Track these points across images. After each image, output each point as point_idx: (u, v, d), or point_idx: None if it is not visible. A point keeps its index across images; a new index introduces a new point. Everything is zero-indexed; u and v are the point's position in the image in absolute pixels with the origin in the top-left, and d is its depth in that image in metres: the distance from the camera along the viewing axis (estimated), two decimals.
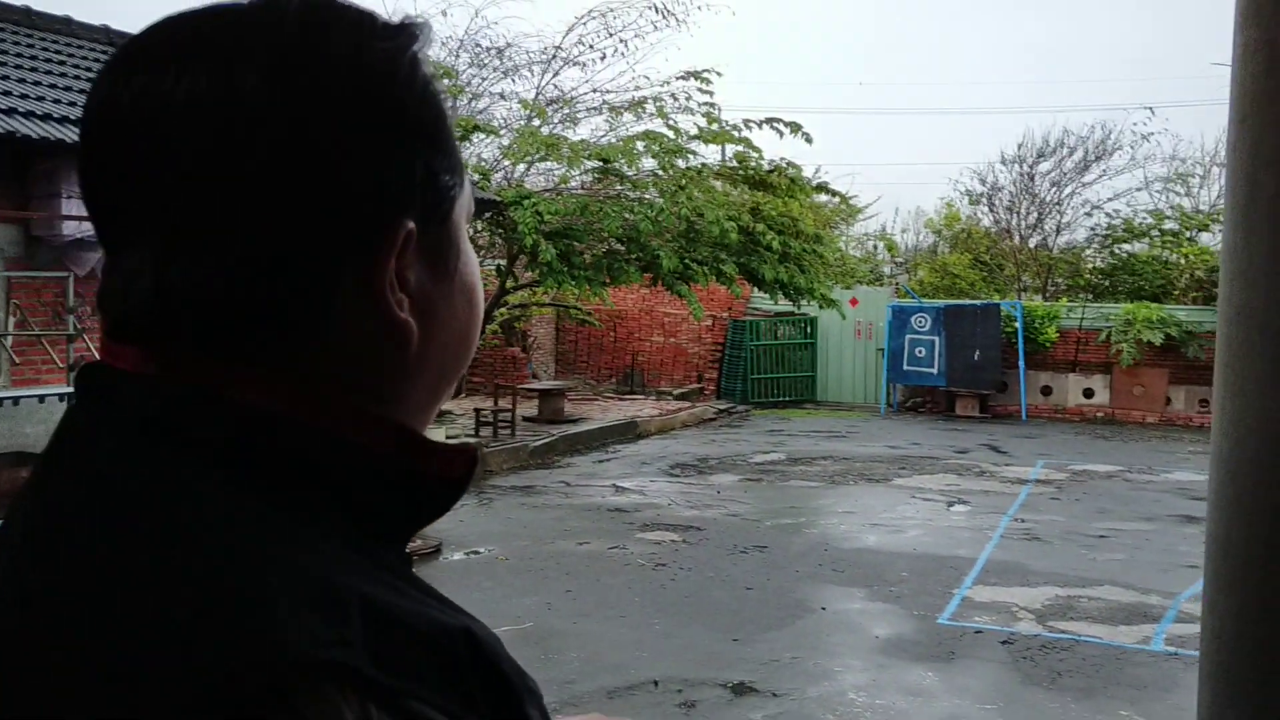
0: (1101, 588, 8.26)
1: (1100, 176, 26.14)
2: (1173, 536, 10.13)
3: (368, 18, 0.68)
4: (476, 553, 9.15)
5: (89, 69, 10.85)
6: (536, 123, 15.05)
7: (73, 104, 9.60)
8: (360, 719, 0.54)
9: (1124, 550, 9.52)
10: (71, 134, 8.83)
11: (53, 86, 10.00)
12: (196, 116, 0.61)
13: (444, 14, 18.03)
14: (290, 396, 0.63)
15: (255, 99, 0.61)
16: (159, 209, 0.62)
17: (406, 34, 0.69)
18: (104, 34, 12.21)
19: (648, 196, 14.28)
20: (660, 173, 14.46)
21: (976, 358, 19.97)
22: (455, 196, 0.71)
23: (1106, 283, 22.29)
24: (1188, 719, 5.80)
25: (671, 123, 14.65)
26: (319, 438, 0.63)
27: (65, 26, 11.88)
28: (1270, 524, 0.90)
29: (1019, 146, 28.63)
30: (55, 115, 9.10)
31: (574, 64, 16.09)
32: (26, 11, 11.60)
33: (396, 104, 0.66)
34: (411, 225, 0.66)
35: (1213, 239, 22.97)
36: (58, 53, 11.06)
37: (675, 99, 14.84)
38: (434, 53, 0.73)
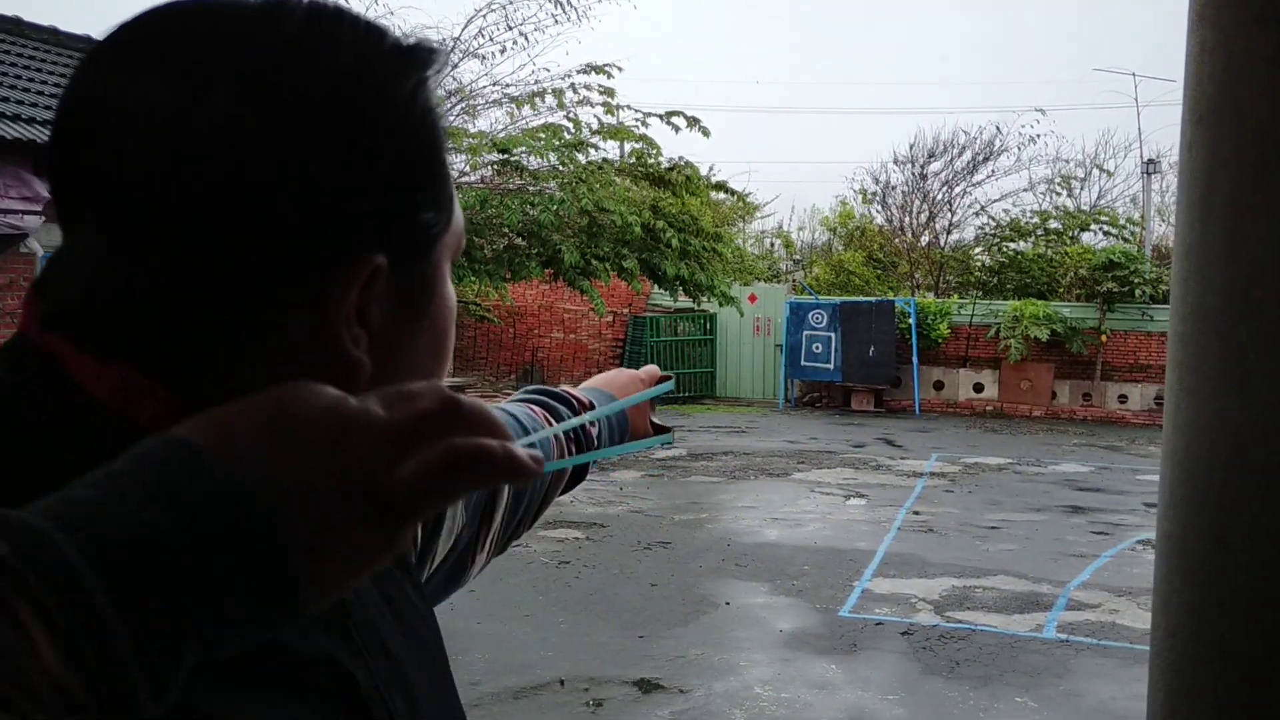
0: (995, 577, 8.48)
1: (989, 177, 26.94)
2: (1061, 527, 10.46)
3: (376, 36, 0.63)
4: None
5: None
6: None
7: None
8: None
9: (1015, 541, 9.79)
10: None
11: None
12: (157, 124, 0.57)
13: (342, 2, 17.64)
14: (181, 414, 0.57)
15: (222, 113, 0.56)
16: (106, 209, 0.58)
17: (414, 58, 0.64)
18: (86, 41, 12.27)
19: (549, 190, 14.20)
20: (561, 167, 14.39)
21: (872, 353, 20.37)
22: (437, 235, 0.67)
23: (995, 280, 22.95)
24: (1080, 704, 5.99)
25: (572, 115, 14.59)
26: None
27: (52, 36, 12.07)
28: (1225, 523, 0.90)
29: (911, 147, 29.32)
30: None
31: (473, 56, 15.89)
32: (17, 21, 11.70)
33: (385, 132, 0.61)
34: (381, 261, 0.61)
35: (1093, 238, 23.83)
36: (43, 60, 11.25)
37: (576, 92, 14.78)
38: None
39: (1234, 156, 0.89)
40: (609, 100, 14.95)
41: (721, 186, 17.55)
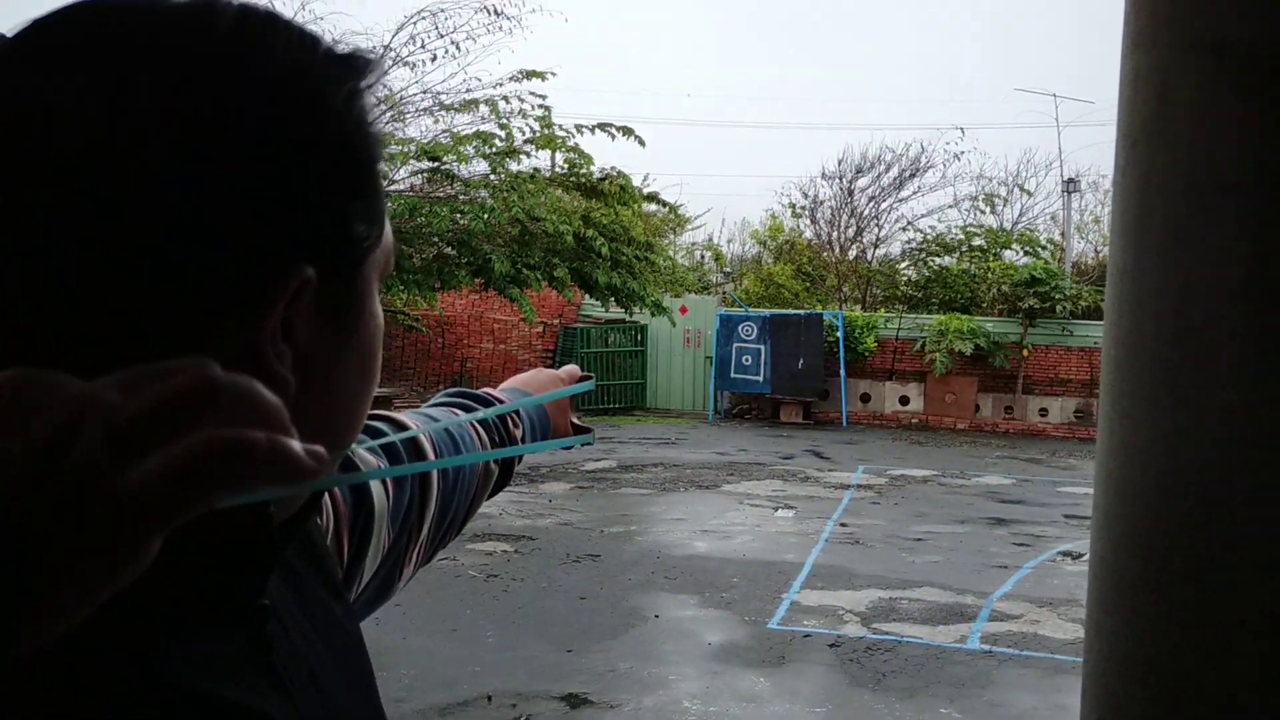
0: (921, 589, 8.58)
1: (915, 193, 27.42)
2: (985, 538, 10.63)
3: (310, 42, 0.60)
4: None
5: None
6: None
7: None
8: None
9: (940, 552, 9.92)
10: None
11: None
12: (74, 127, 0.53)
13: (269, 3, 17.37)
14: None
15: (144, 117, 0.53)
16: (16, 216, 0.54)
17: (349, 66, 0.61)
18: None
19: (480, 198, 14.10)
20: (493, 175, 14.30)
21: (800, 366, 20.55)
22: (368, 249, 0.64)
23: (921, 295, 23.32)
24: (1003, 714, 6.07)
25: (504, 122, 14.51)
26: None
27: None
28: (1158, 547, 0.91)
29: (839, 162, 29.70)
30: None
31: (404, 63, 15.73)
32: None
33: (317, 141, 0.58)
34: (310, 274, 0.58)
35: (1015, 255, 24.34)
36: None
37: (508, 101, 14.71)
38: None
39: (1168, 181, 0.89)
40: (542, 106, 14.91)
41: (654, 198, 17.59)
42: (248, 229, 0.55)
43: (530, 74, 14.89)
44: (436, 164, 14.13)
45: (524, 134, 14.80)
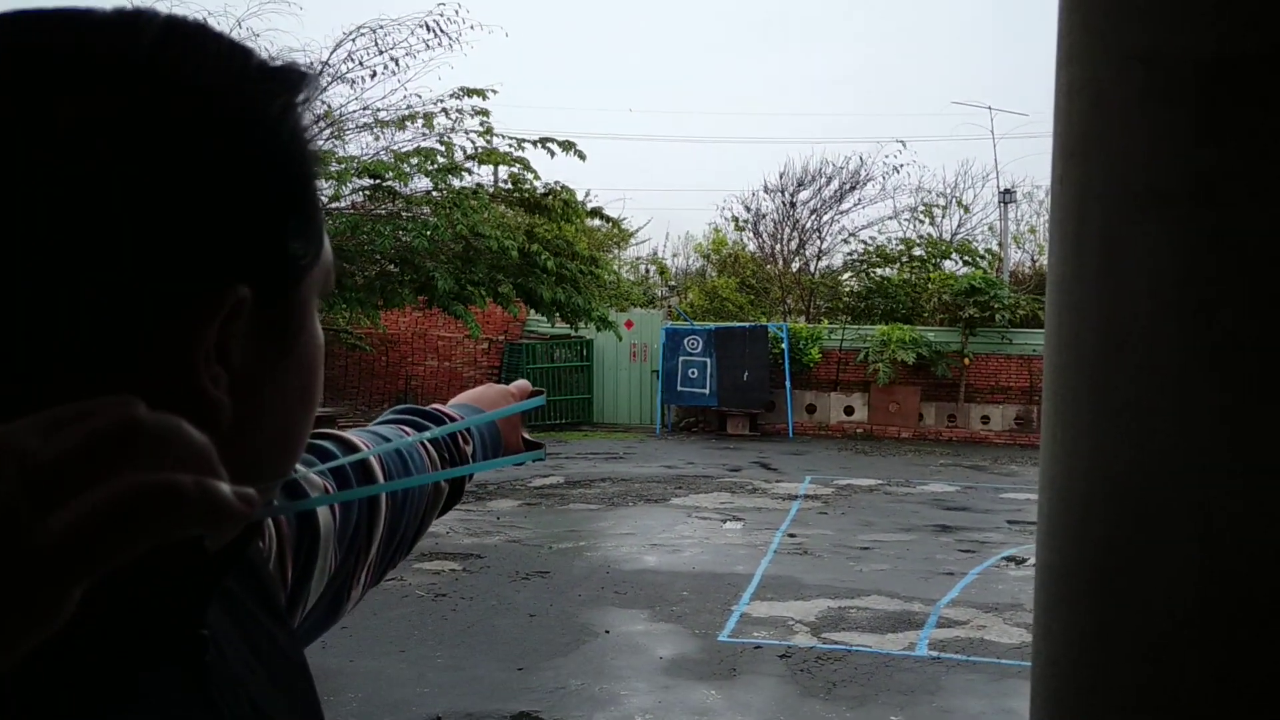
0: (869, 597, 8.64)
1: (856, 205, 27.71)
2: (931, 546, 10.74)
3: (240, 55, 0.59)
4: None
5: None
6: None
7: None
8: None
9: (887, 560, 10.00)
10: None
11: None
12: None
13: (204, 21, 17.14)
14: None
15: (66, 131, 0.51)
16: None
17: (282, 80, 0.60)
18: None
19: (423, 215, 14.01)
20: (435, 191, 14.22)
21: (746, 378, 20.65)
22: (306, 267, 0.62)
23: (863, 305, 23.57)
24: None
25: (445, 139, 14.45)
26: None
27: None
28: (1103, 553, 0.92)
29: (781, 175, 29.96)
30: None
31: (342, 80, 15.61)
32: None
33: (249, 155, 0.57)
34: (245, 292, 0.56)
35: (954, 265, 24.71)
36: None
37: (449, 116, 14.65)
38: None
39: (1105, 192, 0.91)
40: (483, 120, 14.86)
41: (598, 213, 17.60)
42: (176, 246, 0.53)
43: (470, 91, 14.86)
44: (378, 181, 14.02)
45: (465, 150, 14.75)
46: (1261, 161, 0.81)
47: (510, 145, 15.12)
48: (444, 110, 14.86)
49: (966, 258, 24.49)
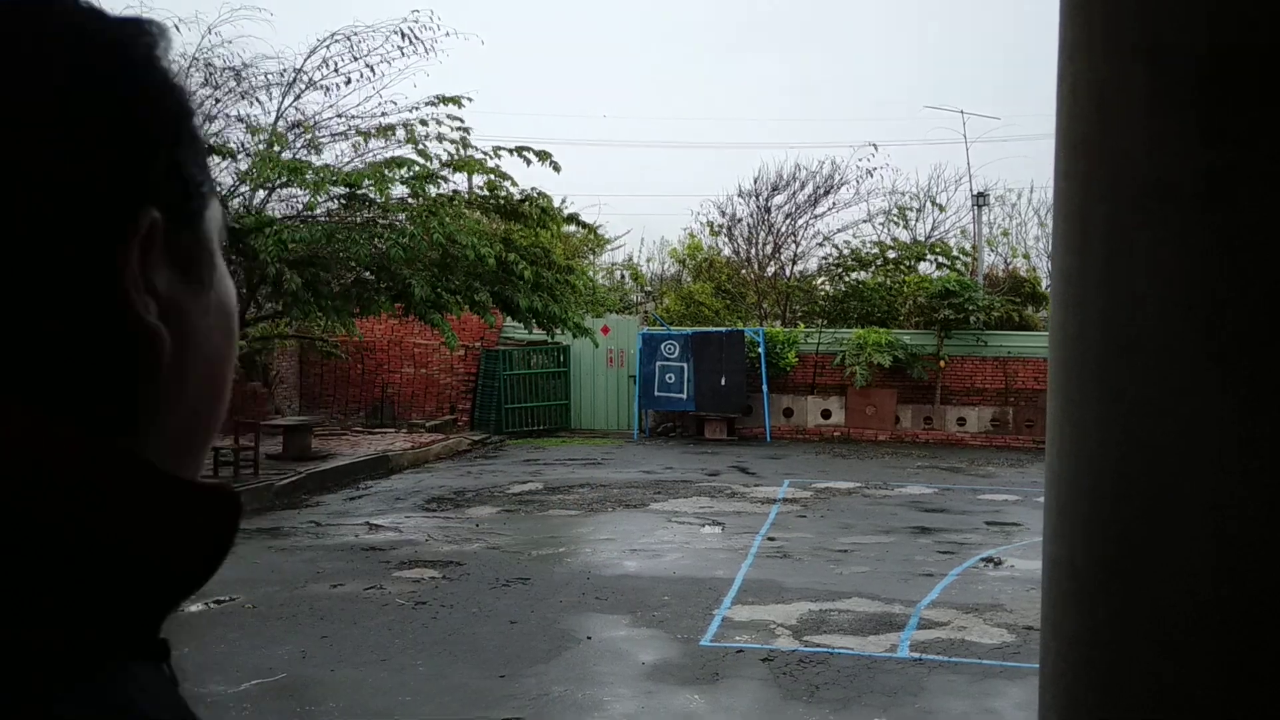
0: (850, 600, 8.65)
1: (830, 209, 27.81)
2: (910, 547, 10.77)
3: (95, 4, 0.60)
4: (219, 601, 8.56)
5: None
6: (277, 149, 14.41)
7: None
8: None
9: (868, 563, 10.03)
10: None
11: None
12: None
13: (175, 28, 17.02)
14: None
15: None
16: None
17: (140, 26, 0.61)
18: None
19: (399, 223, 13.95)
20: (411, 200, 14.16)
21: (723, 383, 20.68)
22: (206, 197, 0.63)
23: (839, 309, 23.65)
24: None
25: (421, 148, 14.39)
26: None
27: None
28: (1114, 548, 0.91)
29: (755, 180, 30.02)
30: None
31: (317, 87, 15.54)
32: None
33: (133, 85, 0.58)
34: (156, 215, 0.57)
35: (929, 267, 24.83)
36: None
37: (425, 125, 14.60)
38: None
39: (1110, 191, 0.90)
40: (459, 129, 14.82)
41: (574, 219, 17.59)
42: (84, 172, 0.54)
43: (446, 99, 14.81)
44: (353, 190, 13.95)
45: (441, 158, 14.70)
46: (1269, 159, 0.81)
47: (485, 154, 15.08)
48: (420, 119, 14.82)
49: (942, 259, 24.61)
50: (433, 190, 14.18)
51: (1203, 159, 0.84)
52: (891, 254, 24.88)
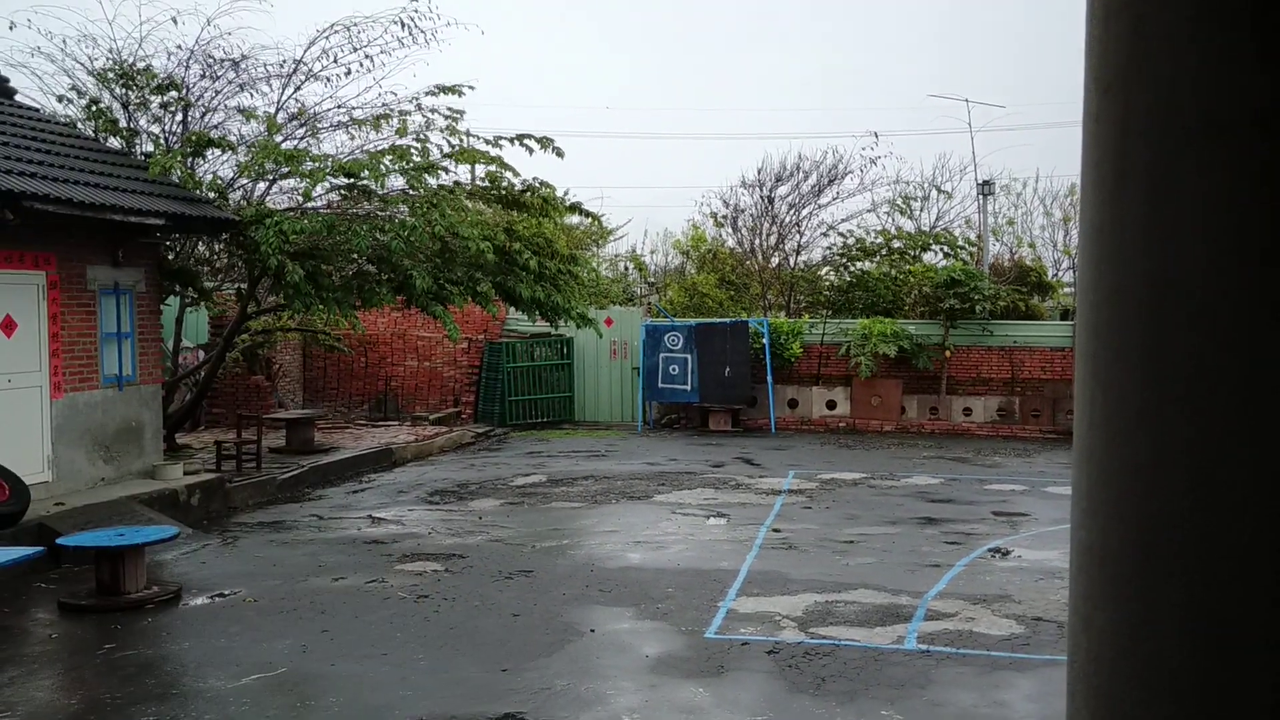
0: (856, 591, 8.56)
1: (834, 199, 27.66)
2: (916, 538, 10.67)
3: None
4: (222, 595, 8.49)
5: None
6: (278, 138, 14.30)
7: None
8: None
9: (874, 554, 9.93)
10: None
11: None
12: None
13: (174, 21, 16.95)
14: None
15: None
16: None
17: None
18: None
19: (399, 215, 13.84)
20: (410, 190, 14.05)
21: (728, 374, 20.56)
22: None
23: (844, 299, 23.48)
24: (943, 714, 6.03)
25: (421, 138, 14.27)
26: None
27: None
28: (1151, 531, 0.82)
29: (759, 171, 29.87)
30: None
31: (316, 78, 15.42)
32: None
33: None
34: None
35: (934, 257, 24.67)
36: None
37: (425, 115, 14.49)
38: (161, 63, 0.53)
39: (1150, 126, 0.81)
40: (458, 120, 14.70)
41: (577, 208, 17.45)
42: None
43: (446, 89, 14.69)
44: (353, 180, 13.84)
45: (441, 149, 14.59)
46: None
47: (487, 144, 14.96)
48: (419, 108, 14.70)
49: (947, 249, 24.46)
50: (432, 181, 14.06)
51: (1260, 85, 0.74)
52: (896, 244, 24.71)
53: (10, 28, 14.60)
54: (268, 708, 6.07)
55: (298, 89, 15.43)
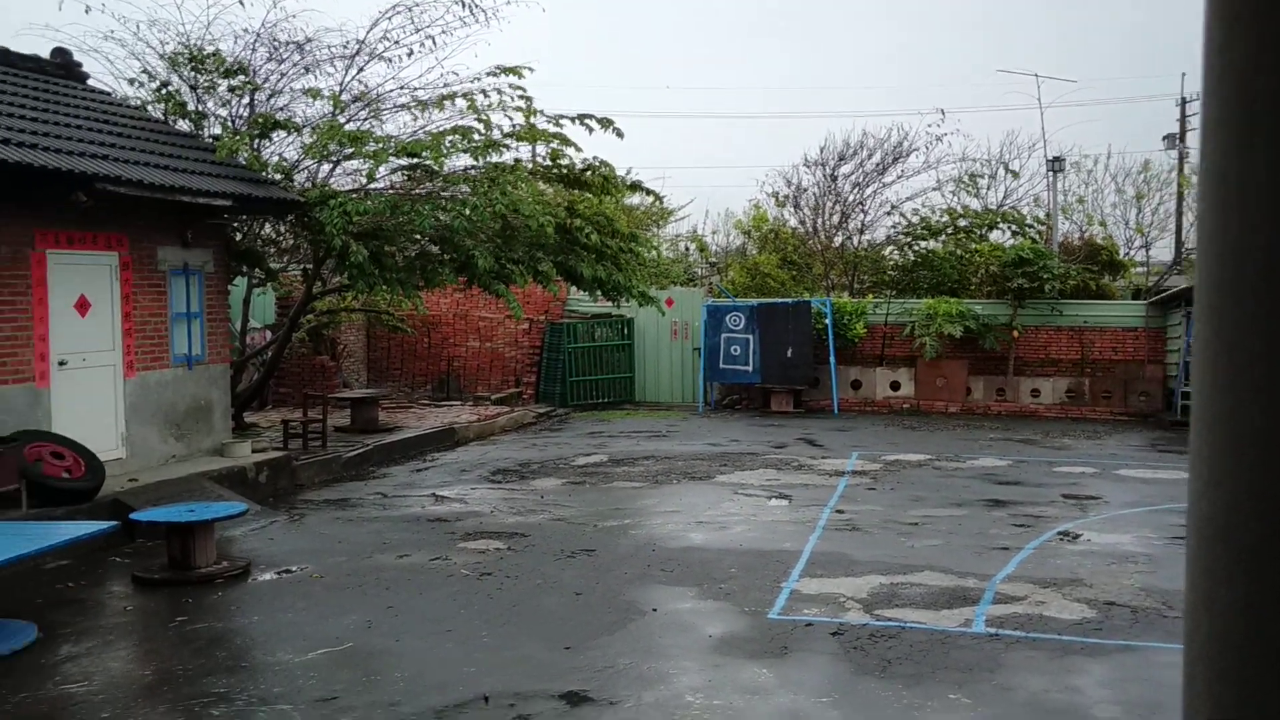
0: (922, 573, 8.44)
1: (899, 178, 27.25)
2: (983, 520, 10.50)
3: None
4: (289, 571, 8.61)
5: None
6: (342, 120, 14.42)
7: None
8: None
9: (939, 536, 9.78)
10: None
11: None
12: None
13: (241, 3, 17.15)
14: None
15: None
16: None
17: None
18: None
19: (461, 194, 13.88)
20: (473, 169, 14.09)
21: (790, 354, 20.40)
22: None
23: (908, 279, 23.16)
24: (1013, 698, 5.91)
25: (483, 117, 14.30)
26: None
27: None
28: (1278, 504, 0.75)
29: (822, 150, 29.52)
30: None
31: (379, 59, 15.51)
32: None
33: None
34: None
35: (1002, 236, 24.21)
36: None
37: (486, 95, 14.50)
38: (229, 46, 0.49)
39: None
40: (522, 99, 14.69)
41: (638, 187, 17.38)
42: None
43: (506, 69, 14.69)
44: (416, 160, 13.91)
45: (503, 129, 14.59)
46: None
47: (548, 122, 14.94)
48: (481, 90, 14.72)
49: (1014, 227, 23.99)
50: (495, 158, 14.07)
51: None
52: (962, 222, 24.29)
53: (85, 11, 14.86)
54: (335, 682, 6.14)
55: (360, 70, 15.54)
